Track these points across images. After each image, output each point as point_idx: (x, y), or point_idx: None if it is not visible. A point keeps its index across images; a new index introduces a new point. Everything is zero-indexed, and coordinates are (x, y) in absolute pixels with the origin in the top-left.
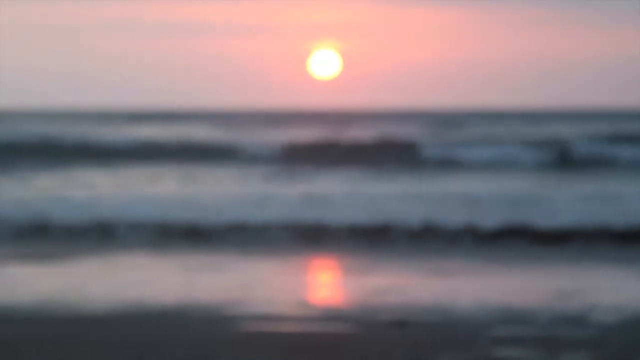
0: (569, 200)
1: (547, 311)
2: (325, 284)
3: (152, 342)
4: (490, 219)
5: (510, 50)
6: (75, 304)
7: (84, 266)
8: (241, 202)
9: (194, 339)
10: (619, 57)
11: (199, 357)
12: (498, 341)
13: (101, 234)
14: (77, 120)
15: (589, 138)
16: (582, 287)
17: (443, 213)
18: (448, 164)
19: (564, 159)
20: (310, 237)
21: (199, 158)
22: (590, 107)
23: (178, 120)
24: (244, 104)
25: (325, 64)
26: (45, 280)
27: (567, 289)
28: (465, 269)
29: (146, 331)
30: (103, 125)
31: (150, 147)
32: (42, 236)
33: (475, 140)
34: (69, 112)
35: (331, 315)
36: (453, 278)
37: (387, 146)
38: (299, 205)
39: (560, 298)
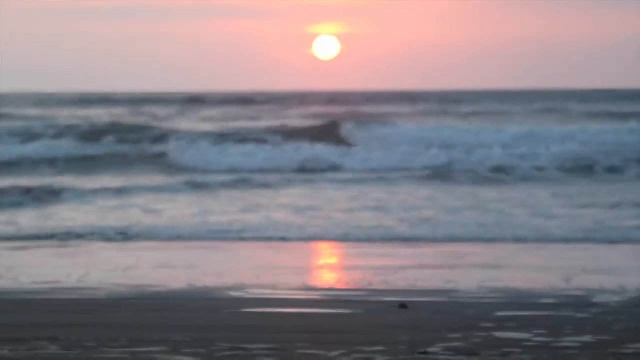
0: None
1: (550, 293)
2: (327, 267)
3: (153, 325)
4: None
5: (517, 32)
6: (77, 289)
7: (87, 251)
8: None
9: (195, 322)
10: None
11: (199, 340)
12: (501, 323)
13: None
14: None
15: None
16: (586, 268)
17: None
18: None
19: None
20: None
21: None
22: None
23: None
24: (246, 86)
25: (326, 45)
26: (49, 265)
27: (572, 270)
28: (469, 251)
29: (148, 315)
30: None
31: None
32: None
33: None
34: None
35: (333, 298)
36: (456, 260)
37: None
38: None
39: (565, 279)
